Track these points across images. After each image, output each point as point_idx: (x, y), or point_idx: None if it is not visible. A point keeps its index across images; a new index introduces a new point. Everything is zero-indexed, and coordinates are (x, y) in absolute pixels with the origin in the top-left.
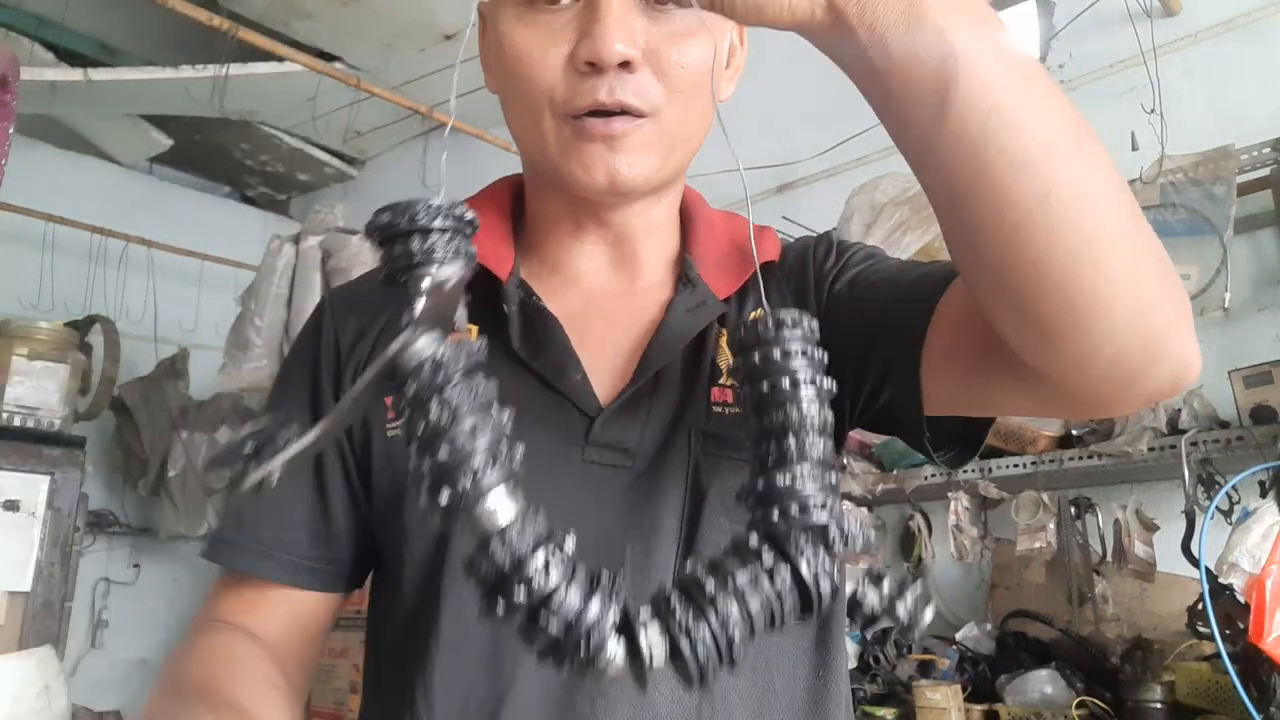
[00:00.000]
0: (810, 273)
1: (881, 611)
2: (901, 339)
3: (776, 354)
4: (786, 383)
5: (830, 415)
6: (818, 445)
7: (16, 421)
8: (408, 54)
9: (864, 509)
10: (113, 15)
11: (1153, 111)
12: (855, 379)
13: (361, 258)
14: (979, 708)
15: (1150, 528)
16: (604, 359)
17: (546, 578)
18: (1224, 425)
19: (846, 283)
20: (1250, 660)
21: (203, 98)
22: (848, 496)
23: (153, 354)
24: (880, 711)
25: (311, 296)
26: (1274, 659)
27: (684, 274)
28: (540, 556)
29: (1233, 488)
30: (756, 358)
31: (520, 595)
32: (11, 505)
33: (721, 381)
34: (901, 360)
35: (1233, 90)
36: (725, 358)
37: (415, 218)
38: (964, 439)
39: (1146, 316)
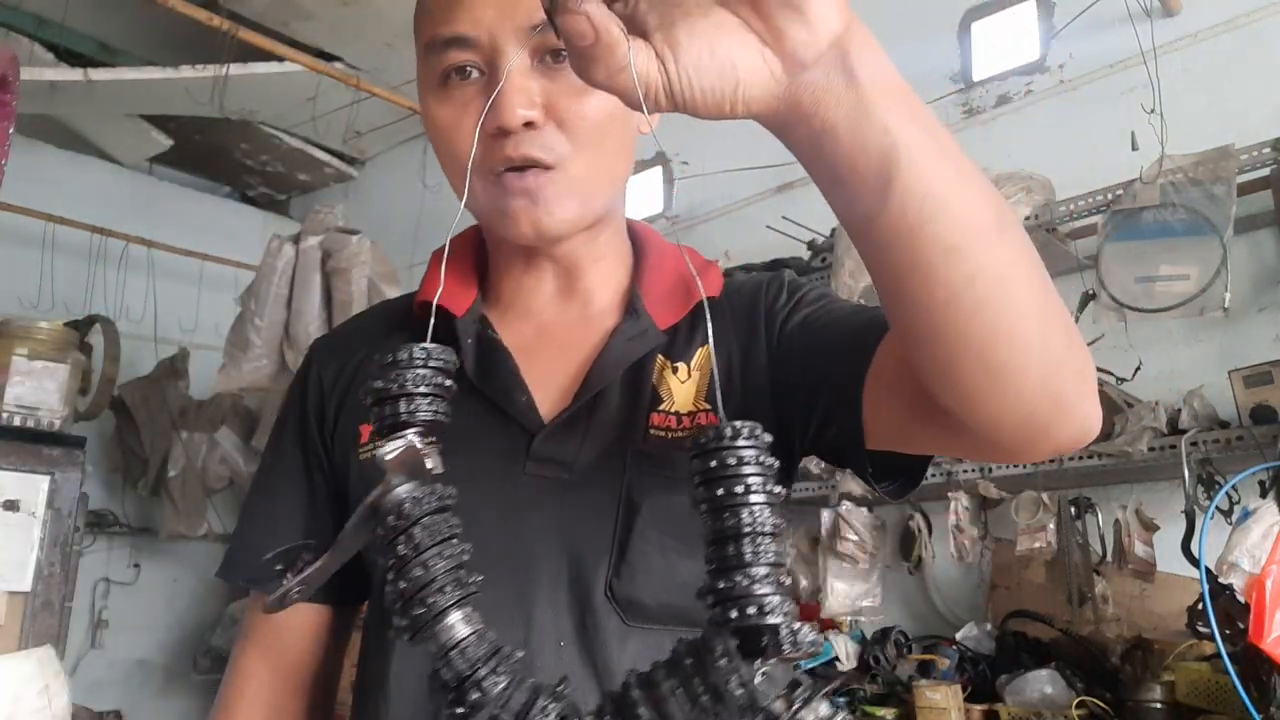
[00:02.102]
0: (761, 311)
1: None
2: (846, 378)
3: (732, 460)
4: (740, 488)
5: (780, 520)
6: (771, 549)
7: (16, 421)
8: (408, 54)
9: (864, 509)
10: (113, 15)
11: (1153, 111)
12: (805, 412)
13: (361, 258)
14: (979, 708)
15: (1150, 528)
16: (550, 383)
17: (495, 686)
18: (1224, 425)
19: (798, 323)
20: (1250, 660)
21: (203, 98)
22: (848, 496)
23: (153, 354)
24: (880, 711)
25: (311, 296)
26: (1274, 659)
27: (630, 305)
28: (488, 668)
29: (1233, 488)
30: (713, 462)
31: (472, 700)
32: (11, 505)
33: (661, 408)
34: (845, 397)
35: (1233, 90)
36: (665, 385)
37: (403, 384)
38: (906, 472)
39: (1053, 382)
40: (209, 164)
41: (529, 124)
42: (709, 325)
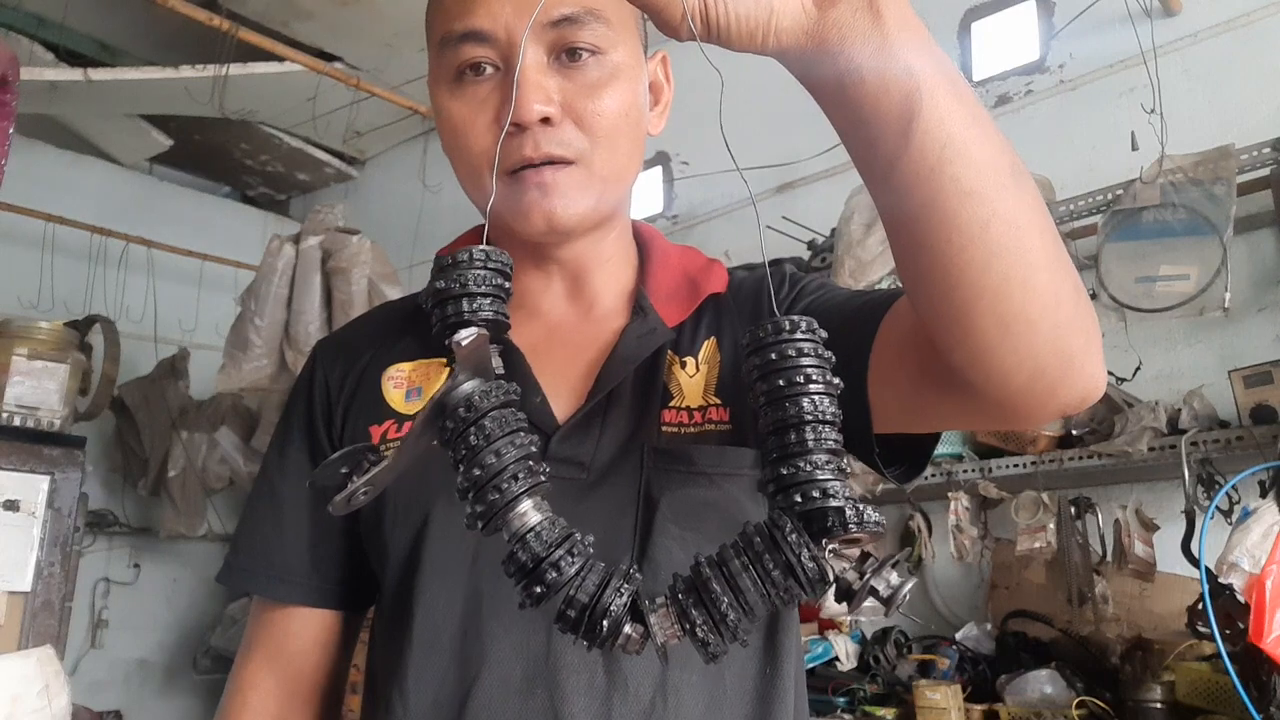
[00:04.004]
0: (765, 304)
1: (860, 588)
2: (850, 358)
3: (791, 352)
4: (800, 378)
5: (838, 409)
6: (831, 436)
7: (16, 421)
8: (408, 54)
9: None
10: (113, 15)
11: (1153, 111)
12: None
13: (361, 258)
14: (979, 708)
15: (1150, 528)
16: (563, 383)
17: (570, 567)
18: (1224, 425)
19: (799, 313)
20: (1250, 660)
21: (203, 98)
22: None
23: (153, 354)
24: (880, 711)
25: (311, 296)
26: (1274, 659)
27: (637, 304)
28: (563, 550)
29: (1233, 488)
30: (772, 355)
31: (549, 579)
32: (11, 505)
33: (673, 404)
34: (850, 378)
35: (1233, 90)
36: (675, 382)
37: (465, 283)
38: (912, 456)
39: (1064, 337)
40: (209, 164)
41: (546, 120)
42: (772, 297)
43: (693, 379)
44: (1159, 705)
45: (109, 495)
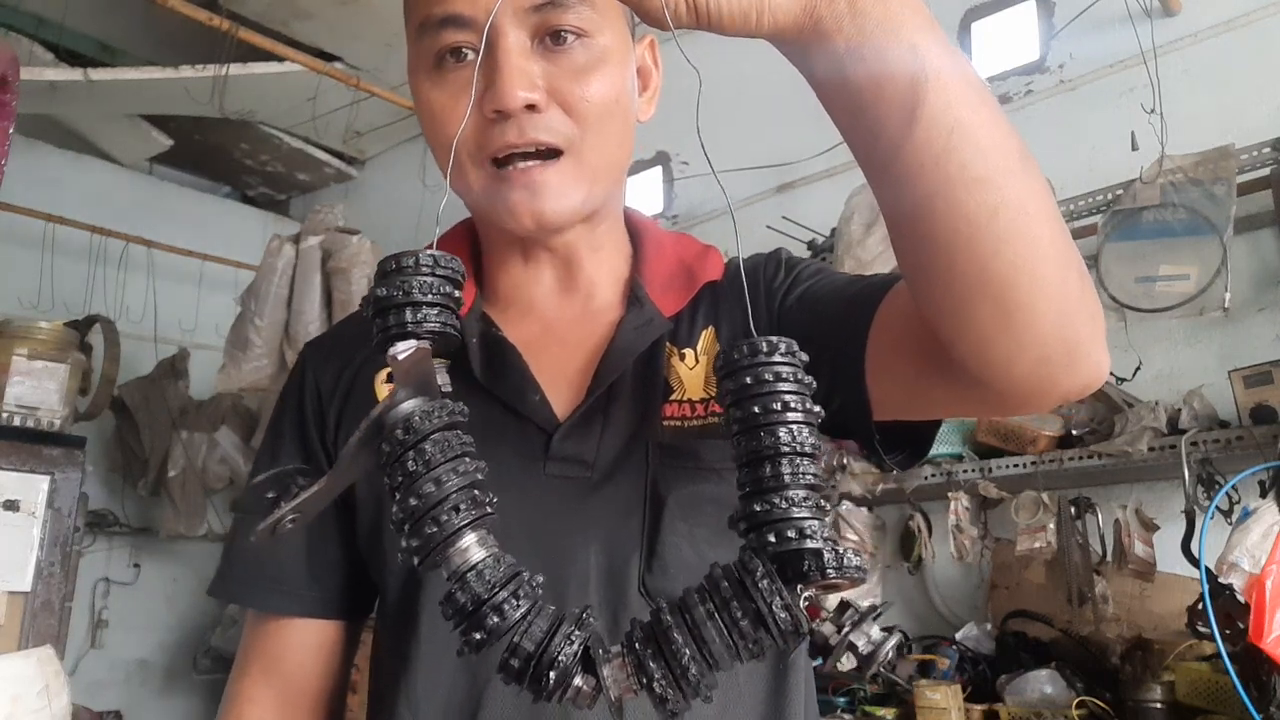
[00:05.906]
0: (760, 290)
1: (837, 643)
2: (847, 344)
3: (768, 376)
4: (778, 406)
5: (818, 440)
6: (809, 470)
7: (16, 421)
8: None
9: (864, 509)
10: (113, 15)
11: (1153, 111)
12: None
13: (361, 258)
14: (979, 708)
15: (1150, 528)
16: (560, 379)
17: (515, 611)
18: (1224, 425)
19: (796, 298)
20: (1250, 660)
21: (203, 98)
22: (848, 496)
23: (153, 354)
24: (880, 711)
25: (312, 296)
26: (1274, 659)
27: (633, 294)
28: (508, 591)
29: (1233, 488)
30: (747, 379)
31: (490, 624)
32: (11, 505)
33: (674, 398)
34: (848, 365)
35: (1233, 90)
36: (675, 374)
37: (409, 291)
38: (912, 442)
39: (1069, 324)
40: (209, 164)
41: (531, 106)
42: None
43: (693, 371)
44: (1159, 705)
45: (109, 495)
